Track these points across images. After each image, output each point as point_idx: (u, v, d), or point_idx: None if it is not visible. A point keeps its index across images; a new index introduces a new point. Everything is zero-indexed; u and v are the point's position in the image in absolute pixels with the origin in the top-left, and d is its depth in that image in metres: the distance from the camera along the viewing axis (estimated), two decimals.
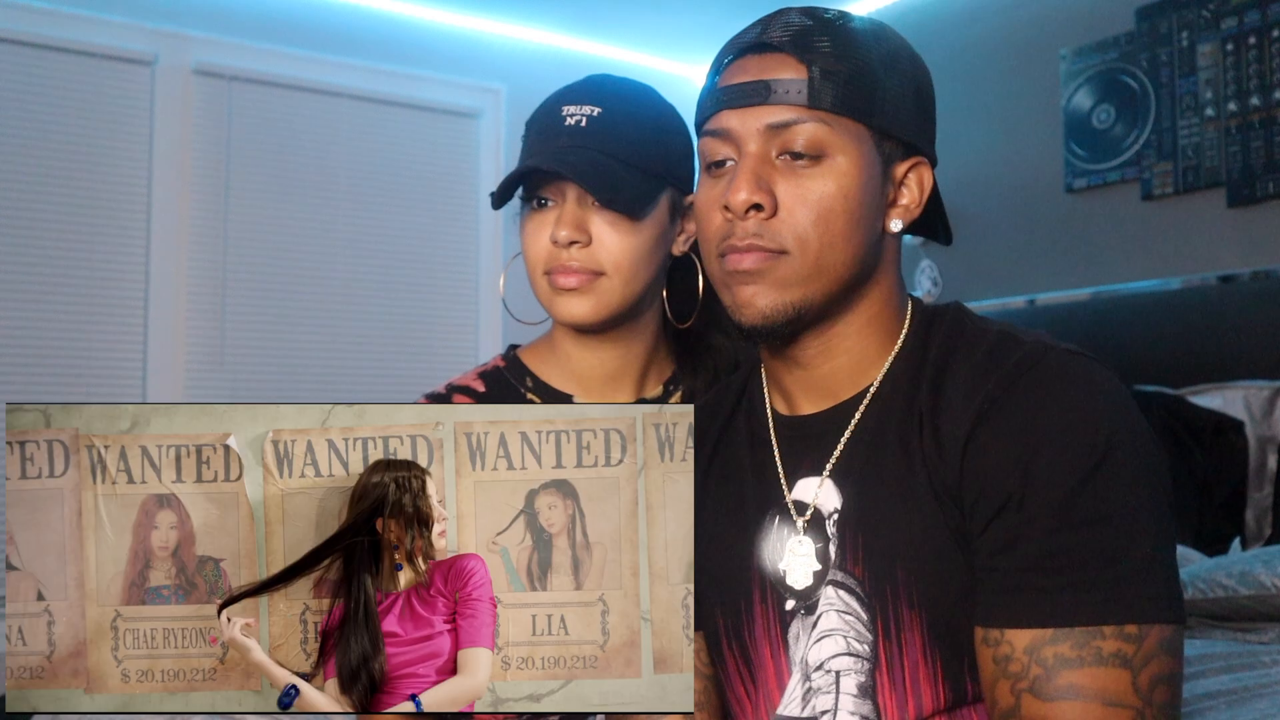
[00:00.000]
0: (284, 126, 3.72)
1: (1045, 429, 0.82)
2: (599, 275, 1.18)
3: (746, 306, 0.91)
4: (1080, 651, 0.78)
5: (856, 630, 0.90)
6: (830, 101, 0.89)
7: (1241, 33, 2.93)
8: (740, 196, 0.89)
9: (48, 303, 3.32)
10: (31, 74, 3.31)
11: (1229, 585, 1.83)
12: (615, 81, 1.26)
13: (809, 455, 0.96)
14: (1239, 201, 2.90)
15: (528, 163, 1.19)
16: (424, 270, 3.97)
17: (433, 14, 3.96)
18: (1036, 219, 3.44)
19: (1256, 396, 2.58)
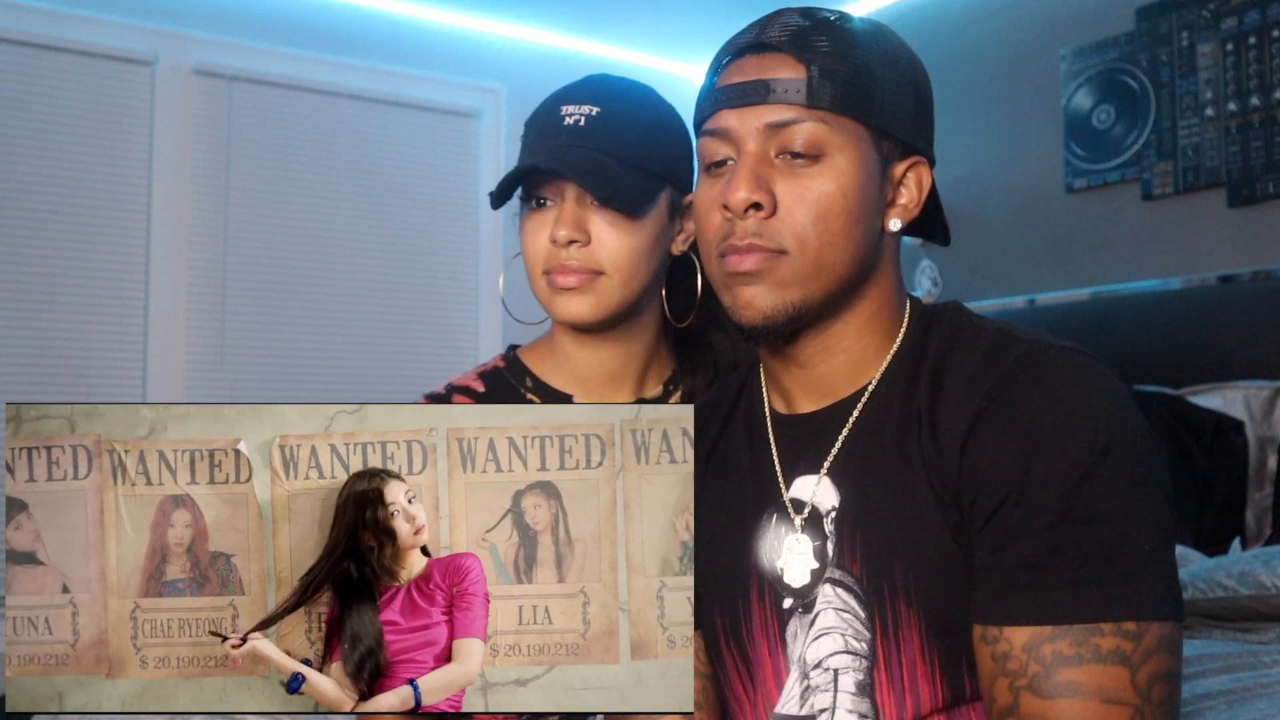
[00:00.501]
0: (284, 126, 3.72)
1: (1044, 426, 0.83)
2: (598, 275, 1.20)
3: (747, 307, 0.92)
4: (1079, 649, 0.78)
5: (854, 628, 0.91)
6: (829, 101, 0.90)
7: (1241, 33, 2.94)
8: (739, 196, 0.90)
9: (48, 303, 3.32)
10: (31, 74, 3.32)
11: (1229, 585, 1.85)
12: (615, 81, 1.27)
13: (807, 453, 0.97)
14: (1239, 201, 2.92)
15: (527, 161, 1.20)
16: (424, 270, 3.96)
17: (433, 14, 3.96)
18: (1036, 219, 3.44)
19: (1256, 396, 2.60)
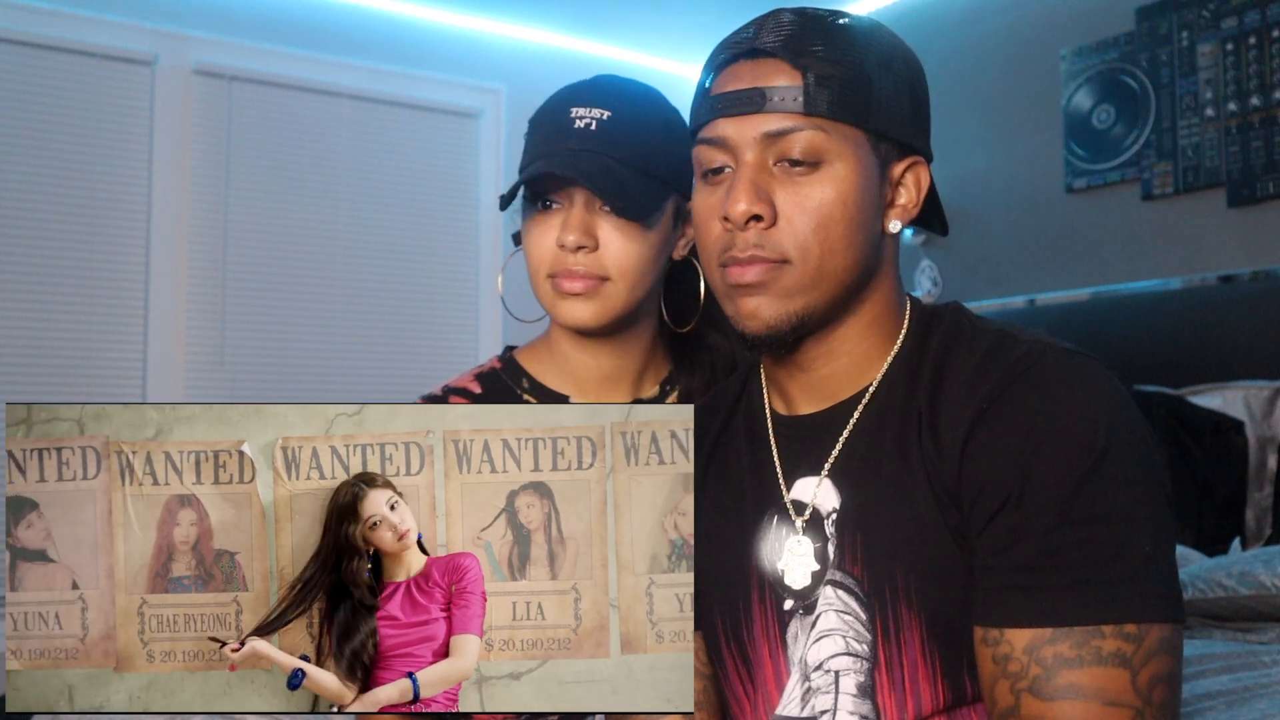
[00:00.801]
0: (284, 126, 3.74)
1: (1044, 428, 0.83)
2: (604, 280, 1.20)
3: (751, 318, 0.92)
4: (1079, 651, 0.79)
5: (855, 630, 0.91)
6: (826, 107, 0.90)
7: (1241, 33, 2.95)
8: (740, 208, 0.90)
9: (48, 303, 3.34)
10: (31, 74, 3.34)
11: (1229, 585, 1.86)
12: (623, 84, 1.26)
13: (808, 455, 0.98)
14: (1239, 201, 2.93)
15: (538, 164, 1.19)
16: (424, 270, 3.98)
17: (433, 14, 3.98)
18: (1036, 219, 3.46)
19: (1256, 396, 2.61)
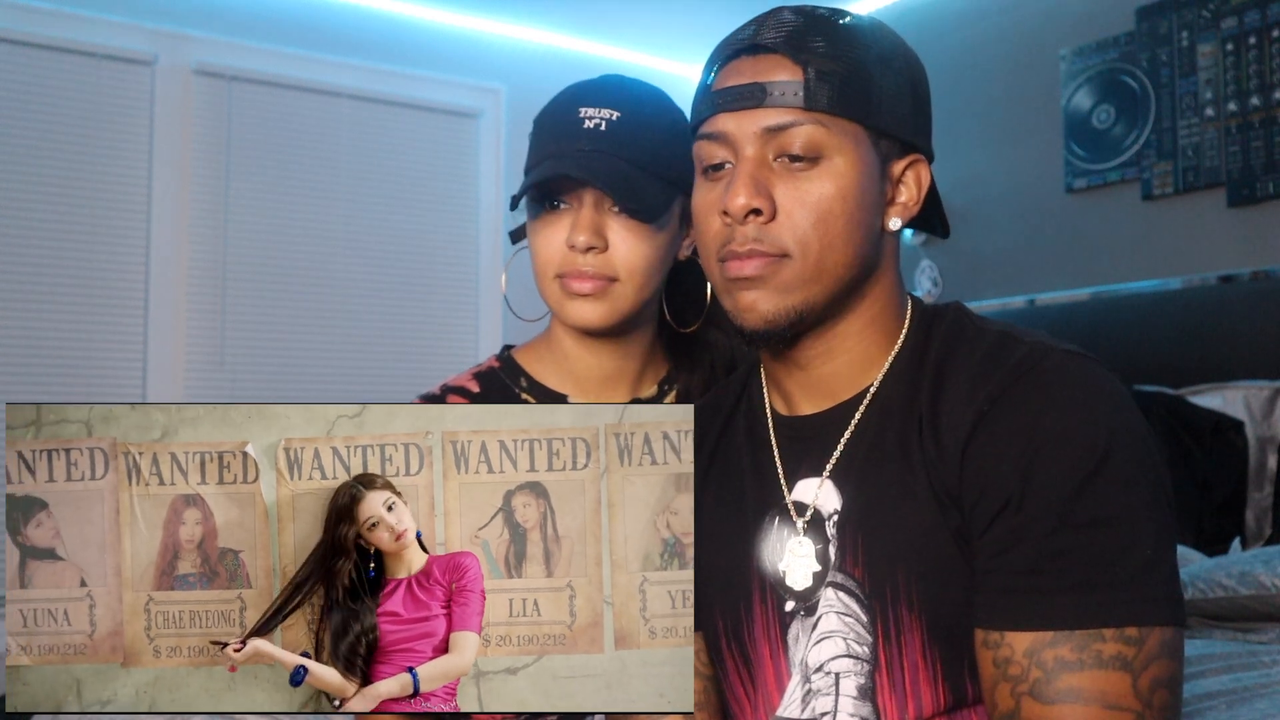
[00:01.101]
0: (284, 126, 3.75)
1: (1045, 431, 0.83)
2: (613, 281, 1.20)
3: (749, 312, 0.93)
4: (1080, 654, 0.79)
5: (856, 632, 0.92)
6: (826, 102, 0.90)
7: (1241, 33, 2.97)
8: (739, 201, 0.90)
9: (48, 303, 3.35)
10: (31, 74, 3.35)
11: (1229, 585, 1.88)
12: (631, 84, 1.27)
13: (809, 456, 0.98)
14: (1239, 201, 2.95)
15: (550, 165, 1.19)
16: (424, 270, 3.99)
17: (433, 14, 3.99)
18: (1036, 219, 3.47)
19: (1256, 396, 2.63)
